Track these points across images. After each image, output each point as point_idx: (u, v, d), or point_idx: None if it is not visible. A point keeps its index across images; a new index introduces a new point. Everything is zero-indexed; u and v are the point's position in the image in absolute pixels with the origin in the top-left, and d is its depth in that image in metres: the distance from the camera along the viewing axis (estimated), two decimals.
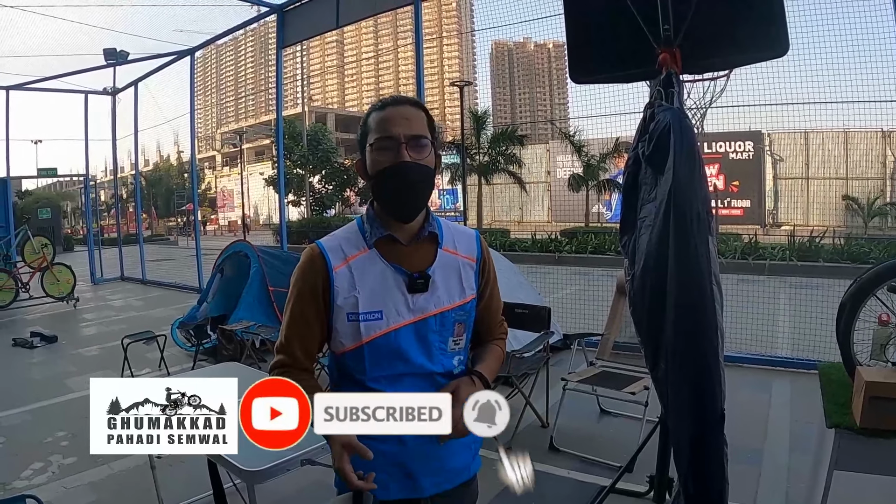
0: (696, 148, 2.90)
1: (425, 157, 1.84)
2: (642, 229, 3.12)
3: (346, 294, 1.84)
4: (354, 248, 1.89)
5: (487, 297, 2.04)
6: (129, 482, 4.59)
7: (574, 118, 37.16)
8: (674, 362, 2.85)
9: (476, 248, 2.01)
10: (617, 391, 4.76)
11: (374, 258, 1.87)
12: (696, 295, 2.75)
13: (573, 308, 8.87)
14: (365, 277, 1.85)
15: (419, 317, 1.86)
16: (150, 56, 14.49)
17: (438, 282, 1.89)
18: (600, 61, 3.59)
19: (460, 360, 1.96)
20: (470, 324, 1.98)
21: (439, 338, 1.89)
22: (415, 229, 1.91)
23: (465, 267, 1.96)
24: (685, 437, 2.87)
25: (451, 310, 1.91)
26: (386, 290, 1.85)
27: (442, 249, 1.94)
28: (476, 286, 1.99)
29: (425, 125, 1.87)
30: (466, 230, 2.06)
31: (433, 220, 1.94)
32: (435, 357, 1.89)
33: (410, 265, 1.88)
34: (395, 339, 1.84)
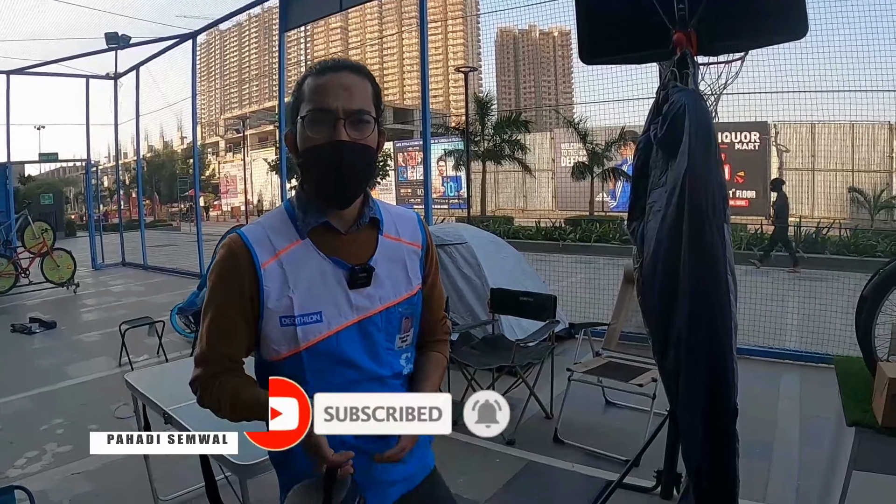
0: (713, 131, 2.78)
1: (367, 136, 1.59)
2: (651, 215, 3.02)
3: (279, 295, 1.59)
4: (285, 239, 1.64)
5: (429, 288, 1.83)
6: (123, 472, 4.47)
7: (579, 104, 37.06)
8: (687, 354, 2.75)
9: (420, 233, 1.81)
10: (624, 382, 4.65)
11: (308, 250, 1.63)
12: (712, 284, 2.64)
13: (578, 297, 8.76)
14: (299, 274, 1.61)
15: (363, 315, 1.64)
16: (152, 40, 14.40)
17: (382, 274, 1.68)
18: (611, 42, 3.47)
19: (408, 359, 1.77)
20: (417, 316, 1.78)
21: (385, 336, 1.69)
22: (353, 215, 1.68)
23: (409, 255, 1.76)
24: (697, 432, 2.77)
25: (398, 304, 1.70)
26: (324, 287, 1.62)
27: (383, 236, 1.72)
28: (421, 275, 1.79)
29: (369, 98, 1.61)
30: (407, 213, 1.85)
31: (373, 204, 1.72)
32: (382, 358, 1.68)
33: (350, 257, 1.65)
34: (338, 343, 1.62)
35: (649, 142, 3.15)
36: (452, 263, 6.84)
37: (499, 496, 4.02)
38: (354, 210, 1.68)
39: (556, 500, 4.01)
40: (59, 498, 4.18)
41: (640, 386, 4.48)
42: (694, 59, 3.09)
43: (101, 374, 7.03)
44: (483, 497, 4.01)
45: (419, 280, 1.77)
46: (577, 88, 63.51)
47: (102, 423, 5.39)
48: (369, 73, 1.66)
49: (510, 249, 7.91)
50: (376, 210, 1.72)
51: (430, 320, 1.86)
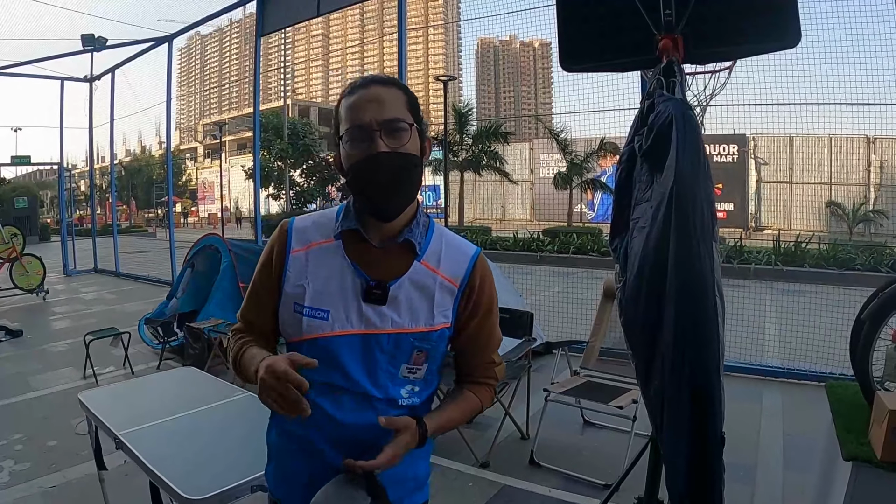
0: (702, 143, 2.62)
1: (405, 144, 1.58)
2: (635, 231, 2.86)
3: (295, 282, 1.65)
4: (321, 235, 1.68)
5: (474, 330, 1.74)
6: (81, 493, 4.29)
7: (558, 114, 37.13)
8: (672, 379, 2.58)
9: (465, 271, 1.69)
10: (603, 404, 4.49)
11: (336, 251, 1.65)
12: (700, 306, 2.49)
13: (555, 310, 8.63)
14: (319, 269, 1.65)
15: (370, 330, 1.61)
16: (129, 42, 14.20)
17: (402, 299, 1.62)
18: (593, 48, 3.31)
19: (412, 392, 1.68)
20: (437, 357, 1.69)
21: (389, 359, 1.63)
22: (392, 231, 1.65)
23: (441, 289, 1.67)
24: (682, 461, 2.62)
25: (410, 334, 1.62)
26: (340, 289, 1.63)
27: (420, 262, 1.66)
28: (454, 315, 1.69)
29: (404, 106, 1.61)
30: (465, 247, 1.75)
31: (417, 226, 1.67)
32: (379, 379, 1.63)
33: (374, 271, 1.63)
34: (337, 347, 1.61)
35: (633, 154, 2.98)
36: None
37: None
38: (396, 226, 1.66)
39: None
40: None
41: (620, 408, 4.33)
42: (681, 67, 2.94)
43: (64, 386, 6.79)
44: None
45: (447, 318, 1.67)
46: (556, 99, 63.74)
47: (63, 439, 5.18)
48: (401, 84, 1.66)
49: None
50: (418, 234, 1.68)
51: (471, 362, 1.81)
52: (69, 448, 4.98)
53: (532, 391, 5.18)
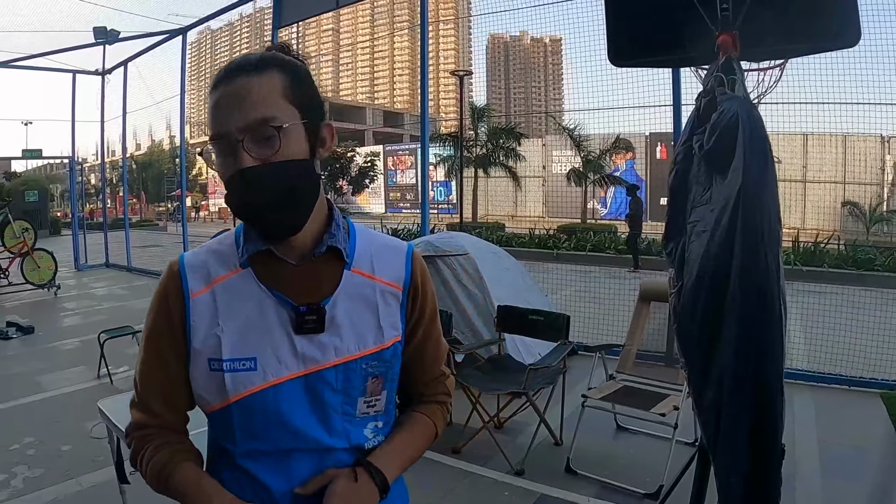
0: (768, 145, 2.50)
1: (279, 150, 1.21)
2: (693, 236, 2.72)
3: (206, 332, 1.30)
4: (224, 266, 1.34)
5: (420, 339, 1.46)
6: (99, 501, 4.16)
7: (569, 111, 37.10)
8: (732, 389, 2.47)
9: (405, 270, 1.41)
10: (644, 411, 4.34)
11: (247, 281, 1.32)
12: (765, 318, 2.37)
13: (576, 310, 8.40)
14: (232, 308, 1.30)
15: (311, 368, 1.29)
16: (142, 35, 14.13)
17: (342, 319, 1.32)
18: (644, 43, 3.18)
19: (377, 429, 1.39)
20: (393, 377, 1.39)
21: (343, 399, 1.32)
22: (307, 243, 1.33)
23: (384, 297, 1.38)
24: (739, 476, 2.52)
25: (360, 359, 1.32)
26: (263, 328, 1.29)
27: (350, 271, 1.36)
28: (403, 325, 1.40)
29: (279, 95, 1.23)
30: (395, 245, 1.46)
31: (337, 228, 1.36)
32: (335, 426, 1.32)
33: (299, 294, 1.31)
34: (276, 400, 1.28)
35: (689, 154, 2.85)
36: (453, 275, 6.54)
37: None
38: (309, 236, 1.33)
39: None
40: None
41: (662, 415, 4.18)
42: (740, 64, 2.80)
43: (77, 386, 6.68)
44: None
45: (397, 330, 1.39)
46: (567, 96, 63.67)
47: (76, 443, 5.06)
48: (280, 60, 1.29)
49: (511, 260, 7.63)
50: (341, 238, 1.36)
51: (421, 377, 1.52)
52: (83, 453, 4.86)
53: (566, 394, 5.05)
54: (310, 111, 1.28)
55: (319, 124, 1.32)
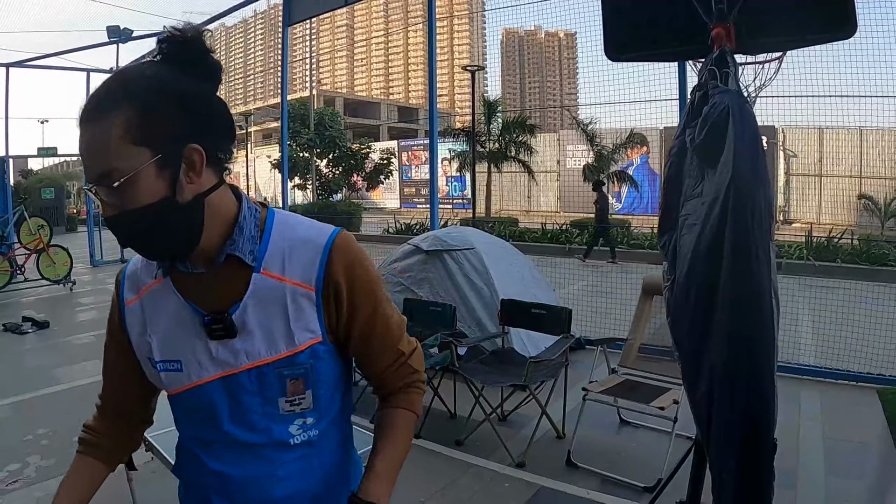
0: (759, 137, 2.51)
1: (128, 198, 1.18)
2: (685, 229, 2.74)
3: (139, 337, 1.40)
4: (149, 275, 1.39)
5: (360, 336, 1.43)
6: (106, 489, 4.19)
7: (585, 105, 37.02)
8: (723, 383, 2.47)
9: (318, 268, 1.34)
10: (644, 405, 4.38)
11: (167, 291, 1.36)
12: (755, 309, 2.38)
13: (585, 304, 8.50)
14: (158, 317, 1.37)
15: (226, 372, 1.34)
16: (154, 34, 14.19)
17: (252, 324, 1.33)
18: (640, 37, 3.19)
19: (305, 425, 1.40)
20: (319, 377, 1.38)
21: (260, 400, 1.36)
22: (210, 251, 1.32)
23: (296, 299, 1.34)
24: (730, 468, 2.50)
25: (272, 363, 1.34)
26: (183, 334, 1.35)
27: (260, 273, 1.33)
28: (321, 325, 1.36)
29: (116, 145, 1.16)
30: (316, 237, 1.38)
31: (241, 233, 1.33)
32: (256, 424, 1.37)
33: (208, 301, 1.34)
34: (202, 397, 1.36)
35: (683, 148, 2.86)
36: (459, 270, 6.58)
37: None
38: (211, 245, 1.31)
39: None
40: None
41: (661, 409, 4.21)
42: (734, 57, 2.81)
43: (90, 379, 6.71)
44: None
45: (314, 333, 1.35)
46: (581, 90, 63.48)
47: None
48: (126, 94, 1.19)
49: (519, 255, 7.66)
50: (245, 244, 1.33)
51: (377, 372, 1.51)
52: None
53: (569, 388, 5.06)
54: (164, 143, 1.20)
55: (182, 149, 1.22)
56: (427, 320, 5.67)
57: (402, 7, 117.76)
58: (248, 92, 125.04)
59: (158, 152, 1.19)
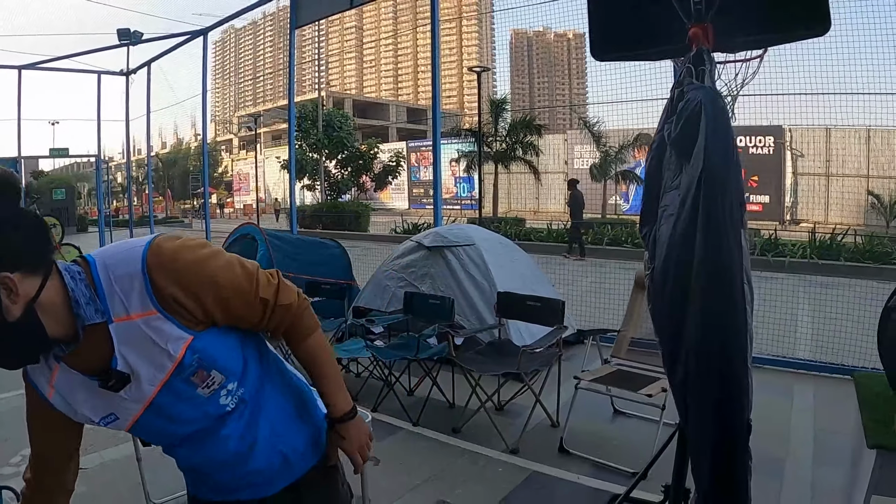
0: (731, 131, 2.64)
1: None
2: (663, 220, 2.87)
3: (73, 413, 1.58)
4: (48, 366, 1.54)
5: (220, 310, 1.55)
6: (117, 474, 4.42)
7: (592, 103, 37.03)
8: (698, 367, 2.60)
9: (148, 293, 1.46)
10: (632, 392, 4.51)
11: (67, 373, 1.52)
12: (726, 295, 2.50)
13: (588, 301, 8.66)
14: (75, 394, 1.54)
15: (145, 404, 1.55)
16: (164, 36, 14.45)
17: (134, 362, 1.49)
18: (625, 36, 3.33)
19: (230, 391, 1.61)
20: (214, 357, 1.56)
21: (185, 403, 1.58)
22: (68, 331, 1.45)
23: (150, 325, 1.47)
24: (706, 450, 2.65)
25: (170, 379, 1.52)
26: (99, 395, 1.53)
27: (114, 323, 1.46)
28: (183, 329, 1.50)
29: None
30: (129, 269, 1.47)
31: (79, 305, 1.44)
32: (194, 417, 1.61)
33: (93, 366, 1.49)
34: (144, 426, 1.62)
35: (663, 142, 3.00)
36: (459, 265, 6.73)
37: None
38: (64, 328, 1.44)
39: None
40: None
41: (649, 396, 4.34)
42: (710, 55, 2.95)
43: None
44: None
45: (181, 338, 1.50)
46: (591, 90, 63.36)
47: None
48: None
49: (520, 252, 7.79)
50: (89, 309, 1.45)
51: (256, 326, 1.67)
52: (105, 432, 5.03)
53: (563, 380, 5.17)
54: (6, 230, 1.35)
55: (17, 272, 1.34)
56: (427, 313, 5.89)
57: (410, 8, 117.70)
58: (257, 93, 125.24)
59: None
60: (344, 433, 1.74)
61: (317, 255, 8.72)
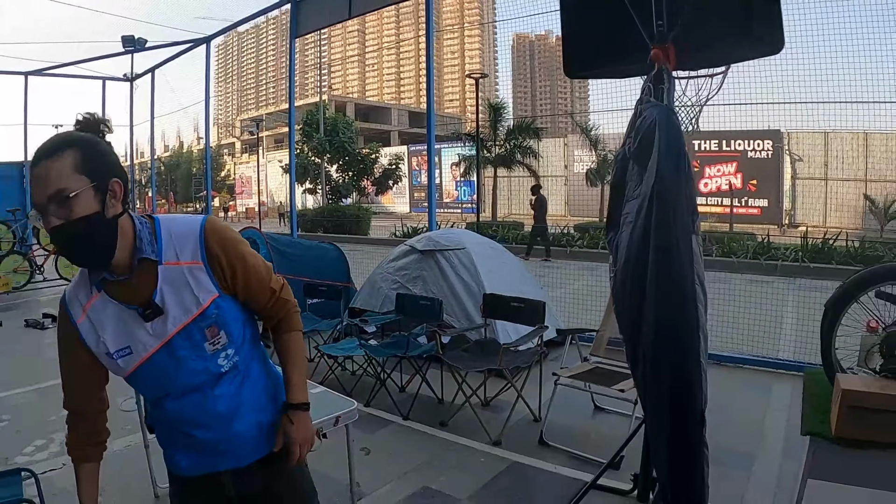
0: (682, 146, 2.86)
1: (75, 210, 1.70)
2: (624, 226, 3.10)
3: (95, 342, 1.89)
4: (86, 293, 1.90)
5: (243, 284, 1.97)
6: (127, 461, 4.65)
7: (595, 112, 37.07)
8: (653, 362, 2.84)
9: (199, 247, 1.90)
10: (607, 388, 4.75)
11: (104, 301, 1.88)
12: (677, 294, 2.73)
13: (580, 303, 8.84)
14: (104, 322, 1.88)
15: (163, 341, 1.88)
16: (168, 44, 14.60)
17: (169, 301, 1.87)
18: (595, 56, 3.56)
19: (228, 356, 1.96)
20: (227, 319, 1.95)
21: (192, 351, 1.90)
22: (125, 260, 1.84)
23: (192, 273, 1.89)
24: (663, 439, 2.86)
25: (191, 322, 1.89)
26: (126, 326, 1.87)
27: (163, 265, 1.86)
28: (215, 285, 1.92)
29: (70, 170, 1.70)
30: (189, 229, 1.92)
31: (142, 241, 1.85)
32: (194, 369, 1.92)
33: (136, 298, 1.86)
34: (152, 366, 1.89)
35: (626, 155, 3.24)
36: (450, 267, 6.96)
37: (478, 494, 4.13)
38: (124, 256, 1.83)
39: (533, 500, 4.12)
40: (63, 483, 4.32)
41: (621, 391, 4.58)
42: (670, 75, 3.17)
43: None
44: (463, 495, 4.13)
45: (211, 292, 1.91)
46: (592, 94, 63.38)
47: (108, 415, 5.53)
48: (73, 141, 1.75)
49: (509, 256, 8.03)
50: (148, 247, 1.85)
51: (261, 308, 2.06)
52: (114, 423, 5.22)
53: (546, 378, 5.36)
54: (98, 175, 1.74)
55: (108, 182, 1.76)
56: (417, 313, 6.18)
57: (413, 13, 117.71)
58: (259, 96, 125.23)
59: (94, 181, 1.73)
60: (294, 419, 2.03)
61: (315, 257, 8.97)
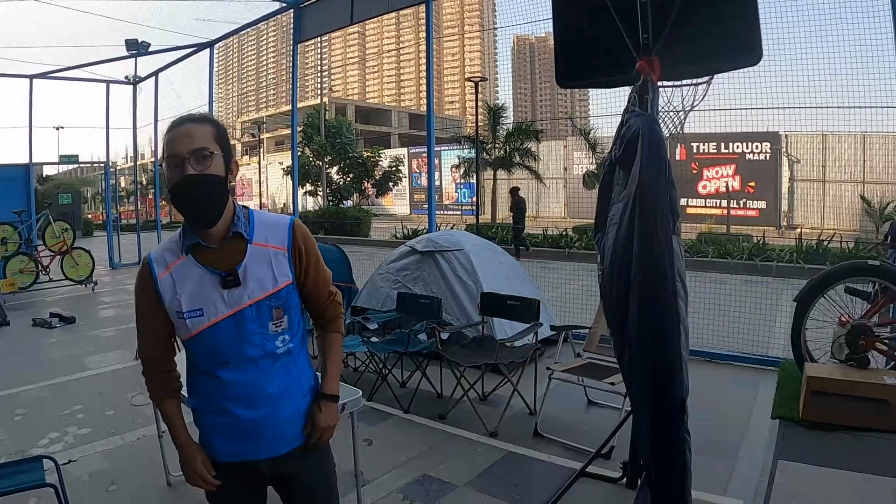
0: (664, 152, 3.04)
1: (210, 167, 2.02)
2: (609, 228, 3.29)
3: (171, 297, 2.09)
4: (174, 255, 2.12)
5: (312, 279, 2.24)
6: (139, 452, 4.87)
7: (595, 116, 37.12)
8: (637, 354, 3.00)
9: (287, 237, 2.18)
10: (598, 381, 4.95)
11: (190, 264, 2.10)
12: (658, 291, 2.90)
13: (575, 303, 9.05)
14: (185, 282, 2.09)
15: (235, 309, 2.09)
16: (171, 48, 14.72)
17: (250, 275, 2.10)
18: (586, 66, 3.78)
19: (284, 340, 2.18)
20: (291, 306, 2.20)
21: (258, 325, 2.11)
22: (221, 232, 2.11)
23: (275, 256, 2.15)
24: (646, 426, 3.02)
25: (266, 298, 2.12)
26: (203, 290, 2.09)
27: (252, 244, 2.13)
28: (291, 272, 2.18)
29: (210, 138, 2.05)
30: (280, 221, 2.23)
31: (239, 219, 2.13)
32: (254, 343, 2.12)
33: (221, 265, 2.10)
34: (217, 332, 2.09)
35: (612, 161, 3.44)
36: (449, 268, 7.17)
37: (475, 481, 4.34)
38: (222, 227, 2.11)
39: (528, 487, 4.30)
40: (79, 473, 4.54)
41: (612, 384, 4.78)
42: (654, 85, 3.39)
43: (117, 366, 7.44)
44: (461, 482, 4.34)
45: (287, 277, 2.16)
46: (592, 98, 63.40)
47: (119, 409, 5.80)
48: (212, 119, 2.15)
49: (505, 256, 8.26)
50: (243, 225, 2.13)
51: (316, 304, 2.32)
52: (126, 417, 5.60)
53: (541, 374, 5.55)
54: (227, 152, 2.10)
55: (232, 160, 2.12)
56: (417, 311, 6.44)
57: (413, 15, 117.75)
58: (260, 99, 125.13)
59: (224, 153, 2.09)
60: (324, 408, 2.26)
61: None
